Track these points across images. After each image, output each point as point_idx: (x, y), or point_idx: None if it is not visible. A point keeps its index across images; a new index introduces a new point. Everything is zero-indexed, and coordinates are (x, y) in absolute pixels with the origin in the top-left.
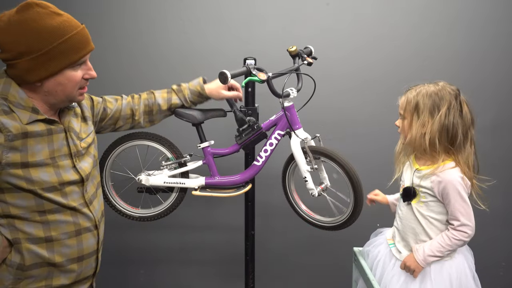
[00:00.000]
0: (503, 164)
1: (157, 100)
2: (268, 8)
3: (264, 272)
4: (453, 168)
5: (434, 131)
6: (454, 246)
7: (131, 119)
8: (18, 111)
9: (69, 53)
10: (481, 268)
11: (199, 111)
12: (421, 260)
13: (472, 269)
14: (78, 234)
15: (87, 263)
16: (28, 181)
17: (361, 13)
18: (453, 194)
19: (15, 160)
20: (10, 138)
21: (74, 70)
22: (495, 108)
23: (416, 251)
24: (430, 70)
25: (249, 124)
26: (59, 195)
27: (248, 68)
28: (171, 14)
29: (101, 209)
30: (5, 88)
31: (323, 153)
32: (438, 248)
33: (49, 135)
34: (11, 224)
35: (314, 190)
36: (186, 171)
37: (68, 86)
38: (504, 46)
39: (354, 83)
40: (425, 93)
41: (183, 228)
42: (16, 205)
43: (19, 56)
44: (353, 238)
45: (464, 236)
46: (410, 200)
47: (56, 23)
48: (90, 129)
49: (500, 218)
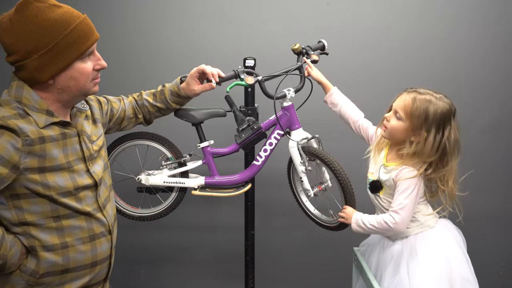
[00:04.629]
0: (503, 164)
1: (144, 103)
2: (269, 8)
3: (264, 272)
4: (413, 169)
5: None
6: (380, 229)
7: (134, 119)
8: (34, 114)
9: (76, 44)
10: (481, 268)
11: (199, 110)
12: (354, 220)
13: (460, 243)
14: (92, 240)
15: (100, 269)
16: (45, 186)
17: (361, 13)
18: (402, 187)
19: (33, 165)
20: (28, 142)
21: (84, 62)
22: (494, 108)
23: (356, 213)
24: (429, 70)
25: (249, 124)
26: (74, 200)
27: (236, 72)
28: (172, 13)
29: (114, 213)
30: (18, 91)
31: (316, 155)
32: (369, 222)
33: (63, 139)
34: (27, 232)
35: (310, 191)
36: (186, 170)
37: (81, 80)
38: (504, 45)
39: (354, 83)
40: (437, 109)
41: (183, 228)
42: (31, 211)
43: (27, 55)
44: (353, 238)
45: (391, 221)
46: (378, 192)
47: (58, 15)
48: (100, 131)
49: (500, 218)
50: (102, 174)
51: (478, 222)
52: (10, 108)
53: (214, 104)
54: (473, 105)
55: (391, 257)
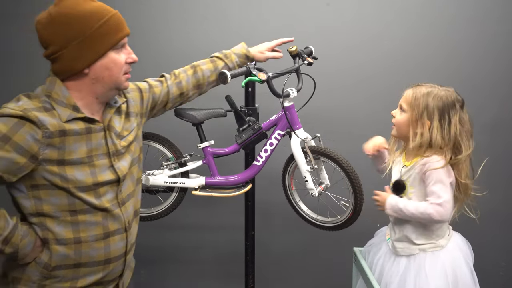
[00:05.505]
0: (503, 163)
1: (205, 73)
2: (269, 8)
3: (264, 272)
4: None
5: (445, 137)
6: (421, 218)
7: (179, 98)
8: (59, 109)
9: (110, 34)
10: (481, 268)
11: (199, 110)
12: (390, 205)
13: (469, 263)
14: (106, 237)
15: (114, 266)
16: (63, 179)
17: (361, 13)
18: (435, 176)
19: (52, 157)
20: (47, 135)
21: (117, 53)
22: (494, 106)
23: (392, 198)
24: (429, 69)
25: (249, 124)
26: (92, 195)
27: (248, 68)
28: (173, 13)
29: (136, 208)
30: (50, 86)
31: (323, 153)
32: (409, 208)
33: (87, 134)
34: (42, 223)
35: (314, 190)
36: (186, 171)
37: (114, 70)
38: (503, 44)
39: (355, 83)
40: (436, 96)
41: (183, 228)
42: (49, 202)
43: (65, 44)
44: (353, 238)
45: (434, 215)
46: (401, 193)
47: (93, 7)
48: (132, 125)
49: (500, 218)
50: (129, 169)
51: (478, 221)
52: (37, 102)
53: (215, 104)
54: (474, 104)
55: (397, 272)
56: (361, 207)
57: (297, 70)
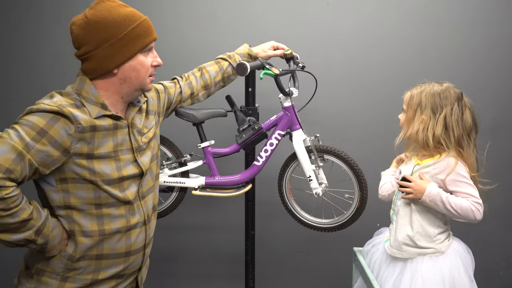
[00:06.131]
0: (503, 164)
1: (211, 74)
2: (268, 8)
3: (264, 272)
4: (454, 158)
5: (438, 130)
6: (462, 214)
7: (189, 99)
8: (89, 106)
9: (140, 38)
10: (481, 268)
11: (200, 110)
12: (428, 194)
13: (468, 271)
14: (128, 230)
15: (134, 259)
16: (91, 172)
17: (361, 13)
18: (462, 179)
19: (82, 151)
20: (80, 130)
21: (145, 56)
22: (496, 108)
23: (431, 186)
24: (432, 71)
25: (250, 124)
26: (117, 189)
27: (262, 62)
28: (168, 13)
29: (154, 203)
30: (80, 84)
31: (329, 151)
32: (450, 202)
33: (114, 130)
34: (69, 215)
35: (318, 189)
36: (186, 170)
37: (142, 72)
38: (507, 47)
39: (355, 83)
40: (429, 92)
41: (183, 228)
42: (77, 195)
43: (98, 45)
44: (353, 238)
45: (477, 214)
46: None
47: (127, 12)
48: (151, 123)
49: (500, 218)
50: (150, 164)
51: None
52: (69, 99)
53: (215, 104)
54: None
55: (392, 273)
56: (365, 203)
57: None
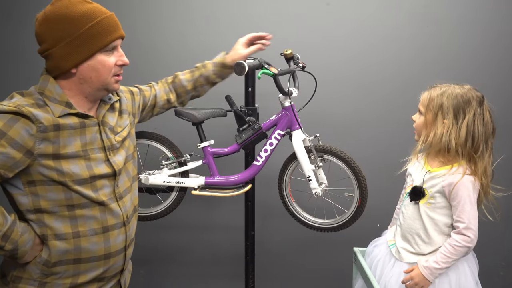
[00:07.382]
0: (504, 165)
1: (182, 82)
2: (268, 8)
3: (264, 272)
4: (466, 171)
5: (462, 136)
6: (459, 254)
7: (166, 104)
8: (52, 105)
9: (99, 36)
10: (481, 268)
11: (200, 110)
12: (429, 275)
13: (474, 273)
14: (105, 231)
15: (115, 261)
16: (59, 173)
17: (361, 13)
18: (463, 195)
19: (47, 151)
20: (41, 129)
21: (107, 56)
22: (496, 108)
23: (423, 268)
24: (432, 71)
25: (249, 124)
26: (89, 189)
27: (260, 61)
28: (167, 13)
29: (134, 204)
30: (43, 84)
31: (328, 151)
32: (444, 259)
33: (81, 128)
34: (40, 219)
35: (317, 189)
36: (186, 170)
37: (102, 72)
38: (507, 46)
39: (355, 83)
40: (451, 94)
41: (183, 228)
42: (46, 198)
43: (55, 43)
44: (353, 238)
45: (467, 241)
46: (418, 200)
47: (87, 8)
48: (125, 122)
49: (500, 218)
50: (124, 164)
51: (478, 221)
52: (30, 99)
53: (215, 104)
54: None
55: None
56: (365, 203)
57: (292, 71)
